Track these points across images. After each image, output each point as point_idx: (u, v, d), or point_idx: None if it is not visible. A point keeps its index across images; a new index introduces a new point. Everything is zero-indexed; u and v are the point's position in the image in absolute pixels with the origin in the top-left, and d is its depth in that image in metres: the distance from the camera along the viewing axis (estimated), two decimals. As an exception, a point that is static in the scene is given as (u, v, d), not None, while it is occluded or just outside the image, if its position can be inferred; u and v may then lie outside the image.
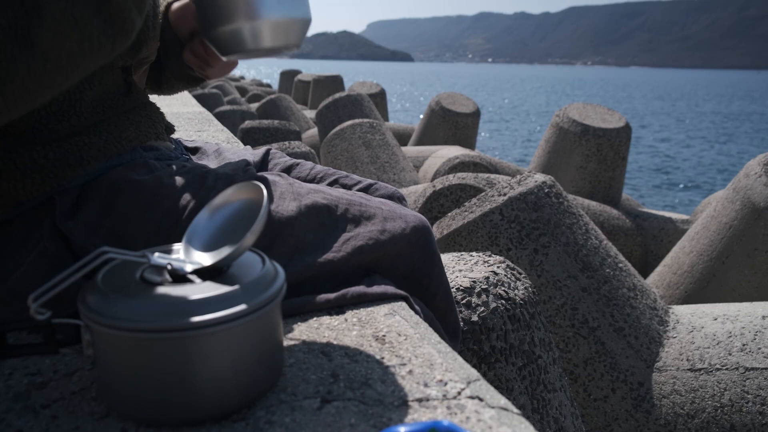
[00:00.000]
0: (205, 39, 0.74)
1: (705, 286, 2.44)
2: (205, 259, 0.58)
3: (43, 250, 0.70)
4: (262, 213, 0.55)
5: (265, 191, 0.57)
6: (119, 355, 0.51)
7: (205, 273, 0.56)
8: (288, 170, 0.95)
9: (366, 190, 0.93)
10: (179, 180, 0.77)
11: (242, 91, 12.11)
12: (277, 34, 0.68)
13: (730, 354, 1.56)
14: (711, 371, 1.56)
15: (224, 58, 0.77)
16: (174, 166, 0.81)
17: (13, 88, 0.54)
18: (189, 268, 0.55)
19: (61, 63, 0.56)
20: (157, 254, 0.55)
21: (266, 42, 0.68)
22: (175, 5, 0.87)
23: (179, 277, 0.55)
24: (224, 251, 0.56)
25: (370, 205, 0.83)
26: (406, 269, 0.82)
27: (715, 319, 1.69)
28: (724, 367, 1.55)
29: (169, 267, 0.55)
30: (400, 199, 0.93)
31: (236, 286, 0.52)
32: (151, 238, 0.71)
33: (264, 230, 0.71)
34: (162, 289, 0.52)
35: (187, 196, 0.75)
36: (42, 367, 0.62)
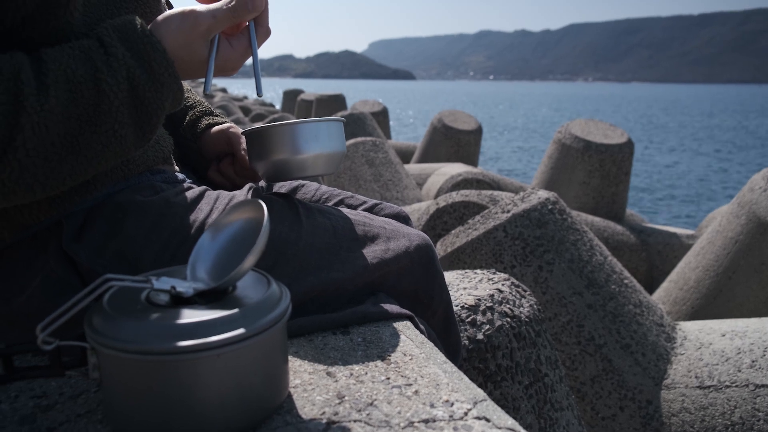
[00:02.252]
0: (254, 166, 0.83)
1: (712, 302, 2.42)
2: (209, 280, 0.58)
3: (49, 273, 0.70)
4: (263, 233, 0.55)
5: (265, 209, 0.57)
6: (125, 378, 0.51)
7: (209, 295, 0.56)
8: (294, 191, 0.96)
9: (371, 210, 0.93)
10: (186, 200, 0.78)
11: (246, 110, 12.22)
12: (317, 165, 0.81)
13: (739, 371, 1.54)
14: (720, 388, 1.54)
15: (264, 180, 0.86)
16: (181, 187, 0.81)
17: (54, 184, 0.63)
18: (193, 290, 0.55)
19: (98, 165, 0.65)
20: (160, 278, 0.55)
21: (309, 171, 0.81)
22: (215, 129, 0.96)
23: (184, 300, 0.55)
24: (227, 273, 0.56)
25: (374, 224, 0.83)
26: (409, 287, 0.82)
27: (723, 335, 1.68)
28: (734, 384, 1.53)
29: (172, 290, 0.55)
30: (405, 219, 0.94)
31: (241, 308, 0.53)
32: (157, 257, 0.72)
33: (269, 250, 0.72)
34: (167, 312, 0.53)
35: (193, 216, 0.75)
36: (48, 390, 0.62)
